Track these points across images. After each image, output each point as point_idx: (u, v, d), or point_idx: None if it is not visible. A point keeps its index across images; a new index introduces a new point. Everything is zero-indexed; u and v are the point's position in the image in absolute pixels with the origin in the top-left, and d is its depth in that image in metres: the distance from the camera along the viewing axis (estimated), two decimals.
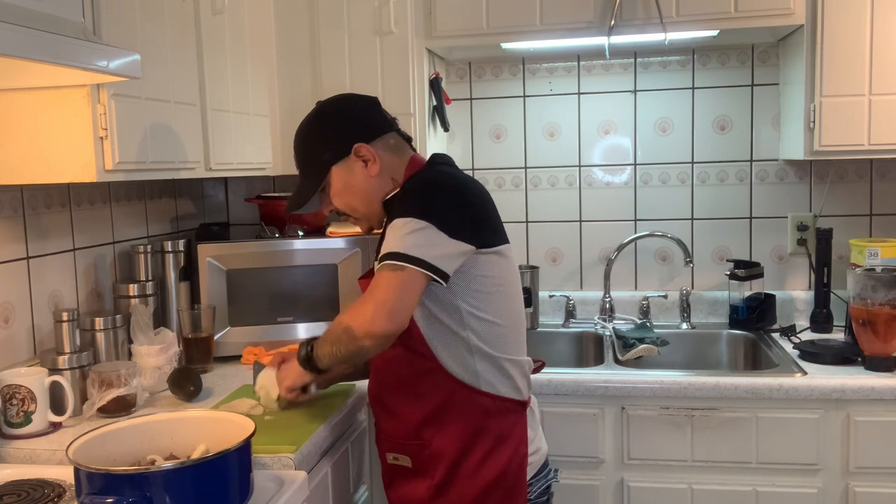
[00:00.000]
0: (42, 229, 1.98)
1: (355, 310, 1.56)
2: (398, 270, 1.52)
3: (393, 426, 1.72)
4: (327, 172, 1.71)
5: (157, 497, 1.23)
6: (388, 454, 1.74)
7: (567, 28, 2.45)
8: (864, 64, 2.29)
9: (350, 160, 1.69)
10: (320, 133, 1.73)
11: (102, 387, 1.79)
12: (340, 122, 1.72)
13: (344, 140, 1.69)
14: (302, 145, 1.76)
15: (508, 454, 1.64)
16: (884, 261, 2.41)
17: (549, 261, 2.90)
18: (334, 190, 1.72)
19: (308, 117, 1.76)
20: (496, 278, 1.63)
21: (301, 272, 2.42)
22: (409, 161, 1.74)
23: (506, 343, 1.66)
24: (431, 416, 1.64)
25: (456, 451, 1.63)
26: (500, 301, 1.65)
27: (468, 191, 1.64)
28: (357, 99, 1.79)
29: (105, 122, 1.61)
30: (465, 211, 1.60)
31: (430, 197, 1.59)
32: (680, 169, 2.81)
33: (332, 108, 1.76)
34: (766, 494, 2.16)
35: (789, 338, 2.48)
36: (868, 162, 2.67)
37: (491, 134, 2.91)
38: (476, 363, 1.62)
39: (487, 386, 1.63)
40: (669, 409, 2.20)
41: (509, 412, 1.66)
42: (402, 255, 1.52)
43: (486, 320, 1.62)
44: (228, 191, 2.99)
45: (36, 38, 1.25)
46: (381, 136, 1.71)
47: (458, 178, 1.68)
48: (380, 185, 1.70)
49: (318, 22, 2.48)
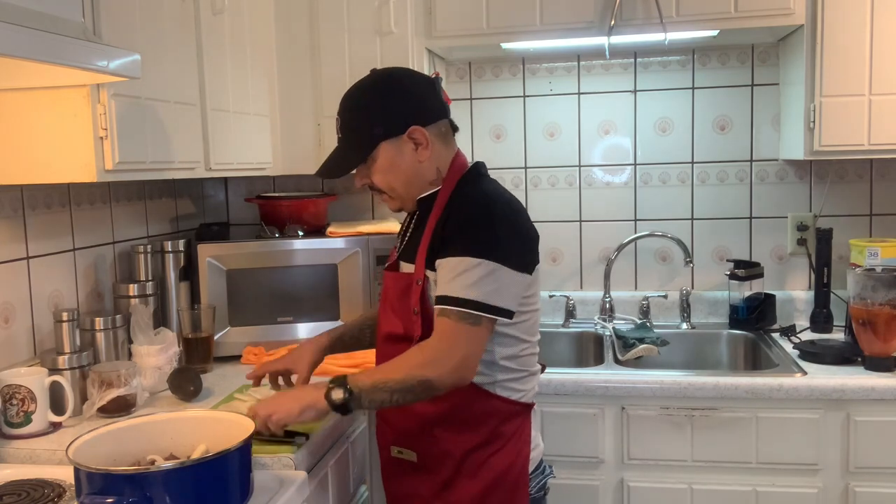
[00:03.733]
0: (42, 229, 1.98)
1: (432, 359, 1.50)
2: (477, 324, 1.50)
3: (402, 420, 1.68)
4: (375, 147, 1.61)
5: (157, 497, 1.23)
6: (392, 447, 1.71)
7: (567, 28, 2.45)
8: (864, 64, 2.29)
9: (401, 140, 1.61)
10: (376, 104, 1.62)
11: (102, 387, 1.79)
12: (400, 98, 1.63)
13: (400, 118, 1.61)
14: (352, 113, 1.65)
15: (513, 454, 1.64)
16: (884, 261, 2.41)
17: (549, 261, 2.90)
18: (378, 166, 1.63)
19: (363, 84, 1.66)
20: (531, 298, 1.64)
21: (301, 272, 2.42)
22: (454, 156, 1.69)
23: (527, 356, 1.66)
24: (446, 416, 1.62)
25: (464, 450, 1.63)
26: (528, 320, 1.64)
27: (520, 216, 1.60)
28: (418, 77, 1.70)
29: (105, 122, 1.61)
30: (525, 242, 1.59)
31: (494, 230, 1.53)
32: (680, 169, 2.81)
33: (392, 80, 1.65)
34: (766, 494, 2.16)
35: (789, 338, 2.48)
36: (868, 162, 2.67)
37: (491, 134, 2.91)
38: (497, 373, 1.61)
39: (504, 392, 1.63)
40: (669, 409, 2.20)
41: (518, 414, 1.66)
42: (482, 306, 1.50)
43: (515, 337, 1.62)
44: (228, 191, 2.99)
45: (36, 38, 1.25)
46: (436, 121, 1.65)
47: (507, 199, 1.62)
48: (425, 171, 1.64)
49: (318, 22, 2.48)
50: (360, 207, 2.91)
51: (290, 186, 2.86)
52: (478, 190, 1.63)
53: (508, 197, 1.63)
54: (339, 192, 2.86)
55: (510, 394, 1.63)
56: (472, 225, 1.54)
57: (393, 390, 1.49)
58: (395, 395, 1.49)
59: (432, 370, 1.49)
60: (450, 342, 1.50)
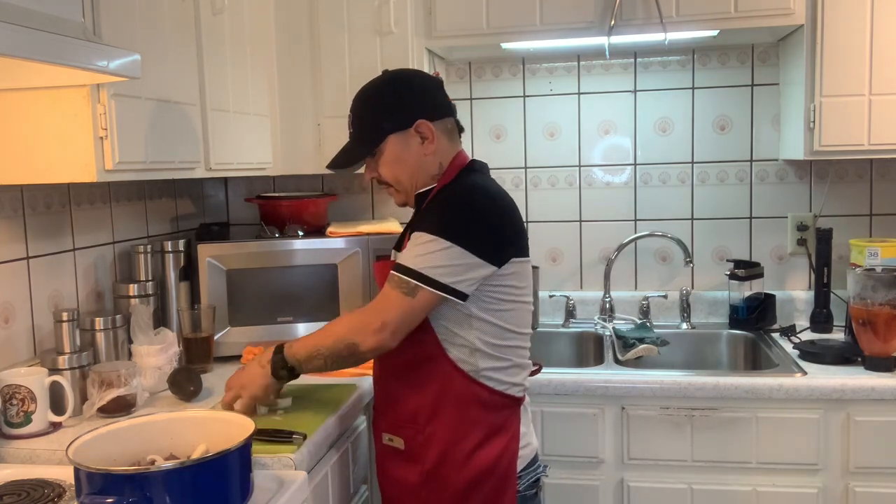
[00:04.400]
0: (42, 229, 1.98)
1: (358, 323, 1.61)
2: (411, 293, 1.57)
3: (389, 407, 1.74)
4: (383, 140, 1.70)
5: (157, 497, 1.23)
6: (383, 434, 1.76)
7: (567, 28, 2.45)
8: (864, 64, 2.29)
9: (409, 134, 1.69)
10: (386, 100, 1.72)
11: (102, 387, 1.79)
12: (408, 93, 1.72)
13: (408, 112, 1.69)
14: (364, 107, 1.75)
15: (500, 447, 1.67)
16: (884, 261, 2.41)
17: (549, 261, 2.90)
18: (385, 159, 1.72)
19: (375, 82, 1.76)
20: (512, 291, 1.65)
21: (301, 272, 2.42)
22: (457, 153, 1.75)
23: (513, 347, 1.68)
24: (428, 402, 1.66)
25: (448, 438, 1.65)
26: (512, 310, 1.67)
27: (496, 207, 1.64)
28: (426, 76, 1.82)
29: (105, 122, 1.61)
30: (495, 231, 1.61)
31: (458, 214, 1.61)
32: (680, 169, 2.81)
33: (402, 78, 1.76)
34: (766, 494, 2.16)
35: (789, 338, 2.48)
36: (868, 162, 2.67)
37: (491, 134, 2.91)
38: (479, 360, 1.64)
39: (488, 381, 1.66)
40: (669, 409, 2.20)
41: (504, 407, 1.68)
42: (420, 275, 1.56)
43: (496, 325, 1.65)
44: (228, 191, 2.99)
45: (36, 38, 1.25)
46: (442, 118, 1.73)
47: (490, 192, 1.68)
48: (429, 164, 1.72)
49: (318, 22, 2.48)
50: (360, 207, 2.91)
51: (290, 186, 2.86)
52: (465, 181, 1.71)
53: (494, 190, 1.69)
54: (339, 192, 2.85)
55: (495, 384, 1.66)
56: (443, 207, 1.64)
57: (325, 356, 1.64)
58: (327, 360, 1.64)
59: (358, 334, 1.60)
60: (379, 306, 1.61)
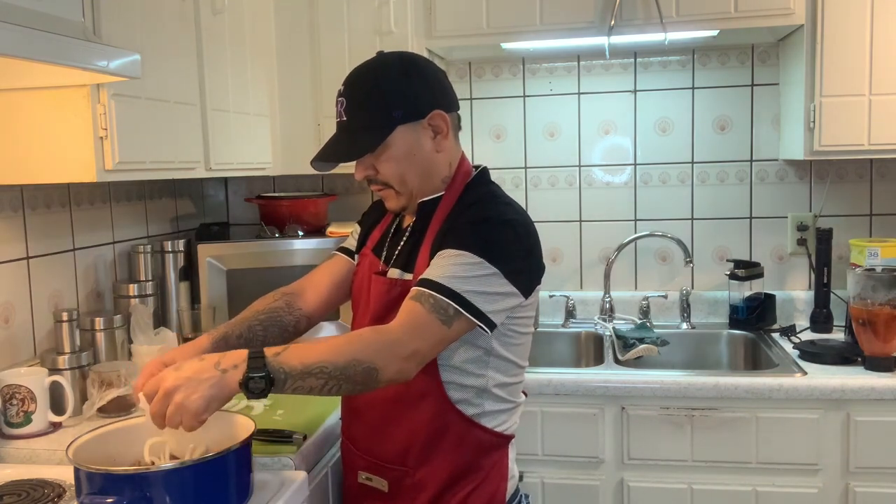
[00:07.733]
0: (42, 229, 1.98)
1: (385, 346, 1.31)
2: (448, 321, 1.33)
3: (374, 444, 1.54)
4: (391, 131, 1.44)
5: (157, 497, 1.23)
6: (361, 472, 1.57)
7: (567, 28, 2.45)
8: (864, 64, 2.29)
9: (420, 126, 1.46)
10: (395, 84, 1.44)
11: (102, 387, 1.79)
12: (421, 79, 1.46)
13: (422, 100, 1.45)
14: (365, 92, 1.46)
15: (491, 491, 1.51)
16: (884, 261, 2.41)
17: (549, 261, 2.90)
18: (391, 153, 1.46)
19: (374, 64, 1.48)
20: (527, 322, 1.51)
21: (301, 272, 2.40)
22: (461, 156, 1.56)
23: (517, 385, 1.55)
24: (420, 443, 1.47)
25: (442, 485, 1.48)
26: (523, 344, 1.53)
27: (531, 232, 1.46)
28: (433, 63, 1.55)
29: (105, 122, 1.61)
30: (527, 257, 1.44)
31: (501, 237, 1.40)
32: (680, 169, 2.81)
33: (411, 61, 1.48)
34: (766, 494, 2.16)
35: (789, 338, 2.48)
36: (868, 162, 2.67)
37: (491, 134, 2.91)
38: (487, 402, 1.49)
39: (489, 423, 1.50)
40: (669, 409, 2.20)
41: (500, 447, 1.53)
42: (462, 300, 1.34)
43: (510, 361, 1.50)
44: (228, 191, 2.99)
45: (36, 38, 1.25)
46: (453, 111, 1.51)
47: (521, 212, 1.49)
48: (440, 165, 1.50)
49: (318, 22, 2.48)
50: (360, 207, 2.88)
51: (290, 186, 2.86)
52: (497, 198, 1.51)
53: (523, 210, 1.52)
54: (339, 192, 2.85)
55: (495, 425, 1.51)
56: (486, 226, 1.41)
57: (330, 376, 1.27)
58: (330, 382, 1.28)
59: (382, 358, 1.30)
60: (413, 330, 1.33)
